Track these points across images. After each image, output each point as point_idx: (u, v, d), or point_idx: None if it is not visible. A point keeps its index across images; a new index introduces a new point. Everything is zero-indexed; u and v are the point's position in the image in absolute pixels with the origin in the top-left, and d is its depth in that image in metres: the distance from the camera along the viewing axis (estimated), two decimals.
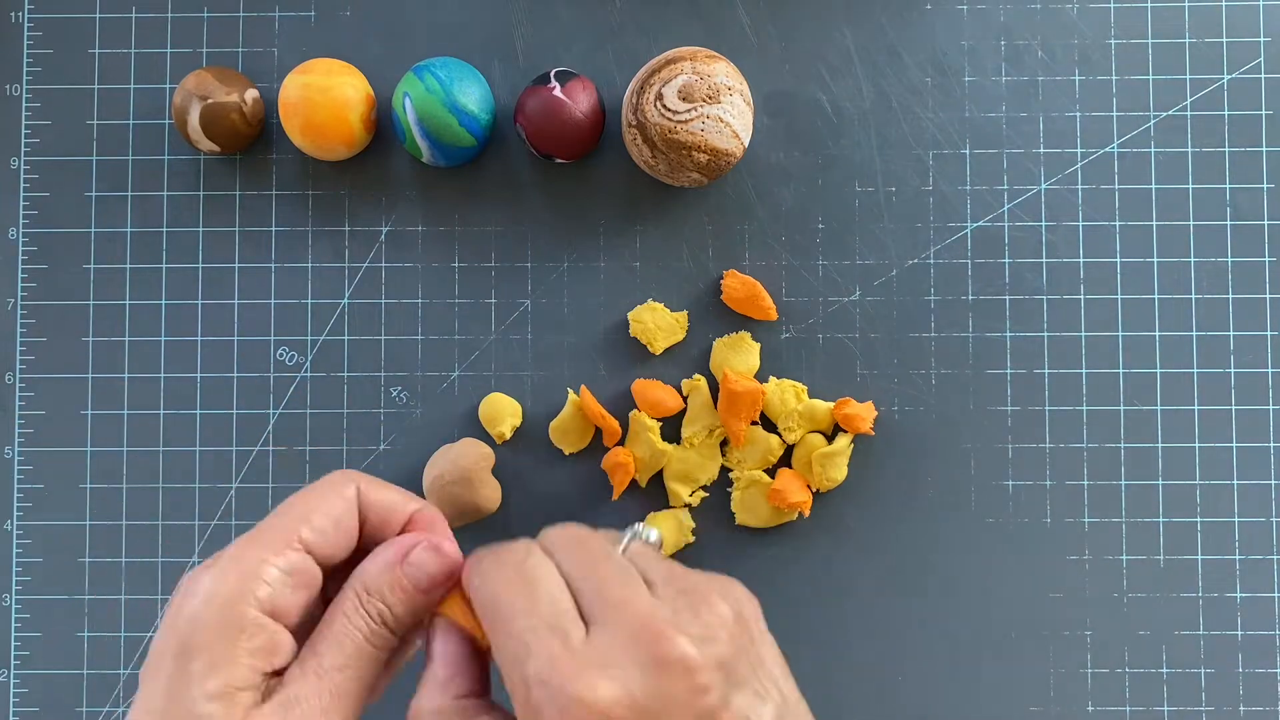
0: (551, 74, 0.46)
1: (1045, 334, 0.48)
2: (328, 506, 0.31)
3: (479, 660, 0.32)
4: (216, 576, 0.29)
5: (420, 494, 0.45)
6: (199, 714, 0.28)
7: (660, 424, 0.47)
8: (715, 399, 0.47)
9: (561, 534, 0.32)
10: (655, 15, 0.49)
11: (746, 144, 0.46)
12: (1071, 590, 0.47)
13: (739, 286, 0.47)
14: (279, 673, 0.30)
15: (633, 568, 0.31)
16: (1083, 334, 0.48)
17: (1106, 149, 0.48)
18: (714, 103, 0.44)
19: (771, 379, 0.47)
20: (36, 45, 0.49)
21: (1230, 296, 0.48)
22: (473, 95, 0.46)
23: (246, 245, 0.49)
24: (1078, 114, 0.48)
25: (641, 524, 0.35)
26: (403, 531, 0.33)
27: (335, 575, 0.32)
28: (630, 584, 0.29)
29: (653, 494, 0.48)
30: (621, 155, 0.48)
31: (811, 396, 0.47)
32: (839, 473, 0.47)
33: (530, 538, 0.32)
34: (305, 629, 0.31)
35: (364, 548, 0.33)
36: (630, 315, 0.48)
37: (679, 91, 0.44)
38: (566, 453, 0.48)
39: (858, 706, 0.47)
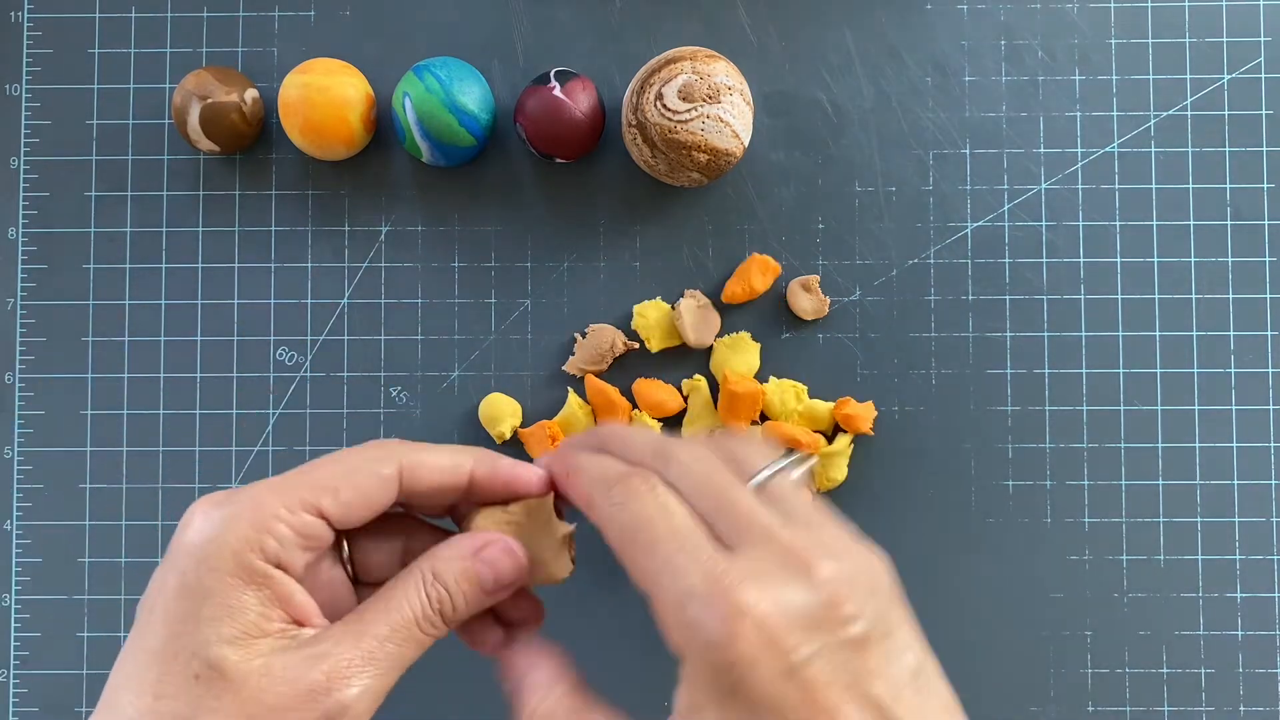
0: (551, 74, 0.46)
1: (1045, 334, 0.48)
2: (360, 483, 0.30)
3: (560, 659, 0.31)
4: (228, 520, 0.28)
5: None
6: (211, 657, 0.27)
7: (660, 424, 0.47)
8: (715, 399, 0.47)
9: (686, 463, 0.31)
10: (655, 15, 0.49)
11: (746, 144, 0.45)
12: (1071, 590, 0.47)
13: (741, 285, 0.47)
14: (302, 624, 0.29)
15: (766, 503, 0.30)
16: (1083, 334, 0.48)
17: (1106, 149, 0.48)
18: (714, 102, 0.44)
19: (771, 379, 0.47)
20: (36, 45, 0.49)
21: (1230, 296, 0.48)
22: (473, 95, 0.46)
23: (246, 245, 0.49)
24: (1078, 114, 0.48)
25: (795, 455, 0.32)
26: (469, 488, 0.32)
27: (356, 535, 0.32)
28: (769, 517, 0.29)
29: None
30: (621, 155, 0.48)
31: (811, 396, 0.47)
32: (839, 473, 0.47)
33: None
34: (311, 586, 0.31)
35: (413, 507, 0.33)
36: (636, 308, 0.48)
37: (679, 91, 0.44)
38: None
39: None
